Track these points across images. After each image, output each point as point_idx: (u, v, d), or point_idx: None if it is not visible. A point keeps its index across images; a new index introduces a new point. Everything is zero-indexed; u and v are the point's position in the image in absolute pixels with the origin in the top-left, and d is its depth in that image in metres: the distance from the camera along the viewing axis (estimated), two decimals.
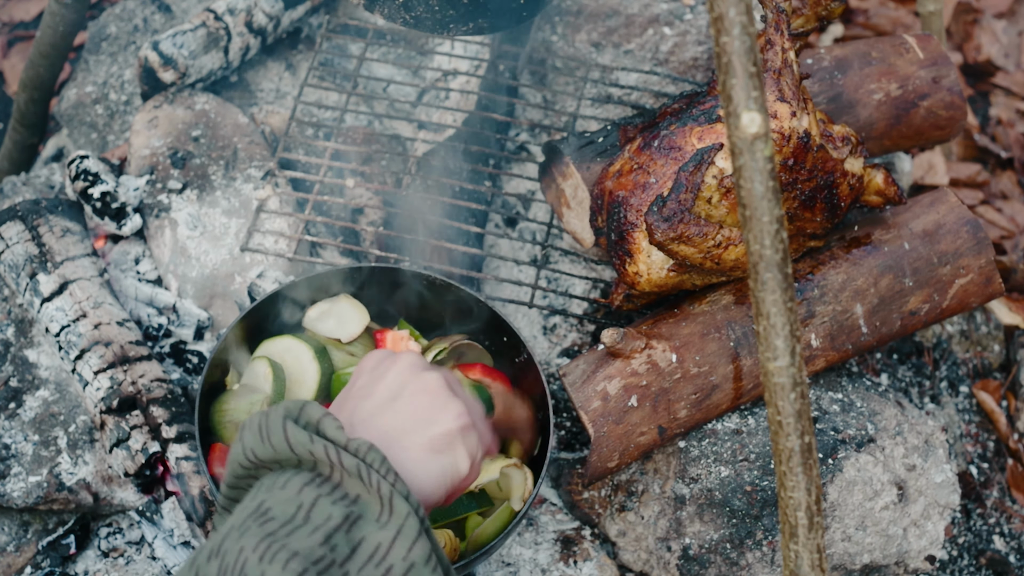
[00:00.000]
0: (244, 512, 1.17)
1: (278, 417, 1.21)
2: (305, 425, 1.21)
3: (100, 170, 2.20)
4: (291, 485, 1.17)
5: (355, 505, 1.16)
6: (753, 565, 1.90)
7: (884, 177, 1.99)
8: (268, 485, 1.19)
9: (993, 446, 2.46)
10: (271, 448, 1.19)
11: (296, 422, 1.21)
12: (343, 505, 1.16)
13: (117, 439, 1.92)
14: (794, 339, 1.26)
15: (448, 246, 2.09)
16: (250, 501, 1.19)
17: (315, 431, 1.20)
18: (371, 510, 1.16)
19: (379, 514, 1.16)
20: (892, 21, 3.43)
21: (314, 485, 1.17)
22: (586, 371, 1.90)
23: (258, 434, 1.21)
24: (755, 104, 1.18)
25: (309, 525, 1.13)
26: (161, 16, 2.58)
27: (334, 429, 1.20)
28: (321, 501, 1.16)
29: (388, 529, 1.15)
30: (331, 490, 1.17)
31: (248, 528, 1.13)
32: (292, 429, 1.19)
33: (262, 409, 1.26)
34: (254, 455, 1.21)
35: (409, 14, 2.04)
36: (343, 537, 1.14)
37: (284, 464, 1.20)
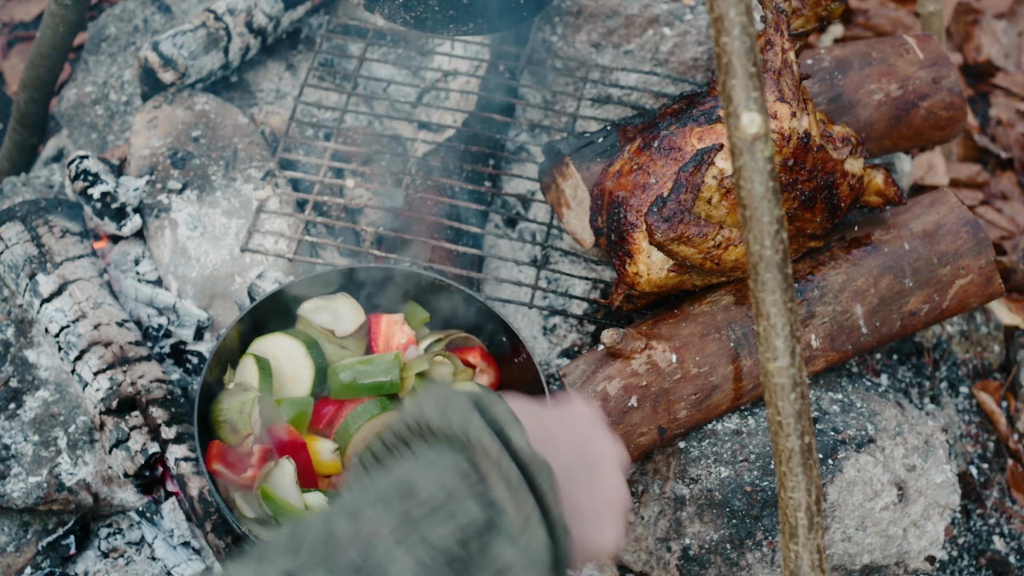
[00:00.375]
0: (392, 480, 1.13)
1: (466, 401, 1.16)
2: (487, 417, 1.16)
3: (100, 170, 2.20)
4: (445, 468, 1.13)
5: (495, 512, 1.12)
6: (753, 565, 1.90)
7: (884, 177, 1.99)
8: (421, 457, 1.15)
9: (993, 446, 2.46)
10: (447, 426, 1.15)
11: (482, 412, 1.16)
12: (483, 507, 1.11)
13: (116, 440, 1.92)
14: (794, 339, 1.26)
15: (448, 246, 2.09)
16: (400, 468, 1.14)
17: (497, 428, 1.15)
18: (508, 522, 1.12)
19: (516, 529, 1.11)
20: (892, 21, 3.43)
21: (467, 476, 1.12)
22: (586, 371, 1.90)
23: (440, 408, 1.16)
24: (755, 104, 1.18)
25: (451, 520, 1.09)
26: (161, 16, 2.58)
27: (520, 437, 1.15)
28: (467, 495, 1.11)
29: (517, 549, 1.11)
30: (479, 487, 1.12)
31: (391, 502, 1.10)
32: (476, 419, 1.14)
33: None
34: (425, 422, 1.16)
35: (409, 14, 2.04)
36: (477, 542, 1.09)
37: (444, 441, 1.16)
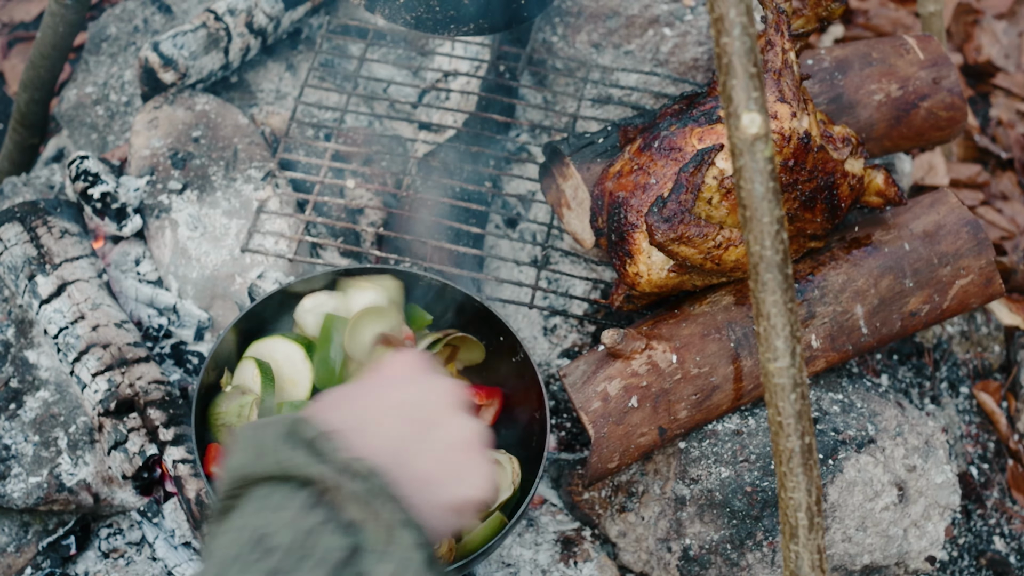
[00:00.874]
0: (242, 538, 1.09)
1: (273, 434, 1.12)
2: (302, 443, 1.12)
3: (100, 171, 2.20)
4: (290, 507, 1.09)
5: (355, 534, 1.09)
6: (753, 566, 1.90)
7: (884, 178, 1.99)
8: (262, 503, 1.11)
9: (993, 447, 2.46)
10: (265, 466, 1.11)
11: (292, 438, 1.12)
12: (343, 534, 1.08)
13: (115, 442, 1.92)
14: (794, 340, 1.26)
15: (448, 247, 2.09)
16: (247, 521, 1.11)
17: (315, 450, 1.11)
18: (372, 539, 1.09)
19: (381, 544, 1.08)
20: (892, 22, 3.43)
21: (314, 509, 1.09)
22: (586, 372, 1.90)
23: (252, 452, 1.13)
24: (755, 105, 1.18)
25: (312, 559, 1.06)
26: (161, 17, 2.58)
27: (338, 450, 1.11)
28: (322, 529, 1.08)
29: (390, 564, 1.07)
30: (331, 515, 1.09)
31: (249, 563, 1.06)
32: (289, 449, 1.11)
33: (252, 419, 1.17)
34: (247, 471, 1.12)
35: (410, 15, 2.04)
36: (345, 573, 1.06)
37: (278, 479, 1.12)
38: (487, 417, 1.89)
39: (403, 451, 1.18)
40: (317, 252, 2.18)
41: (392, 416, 1.21)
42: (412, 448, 1.19)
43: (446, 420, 1.21)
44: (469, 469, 1.20)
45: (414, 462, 1.18)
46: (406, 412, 1.21)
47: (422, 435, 1.20)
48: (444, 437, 1.20)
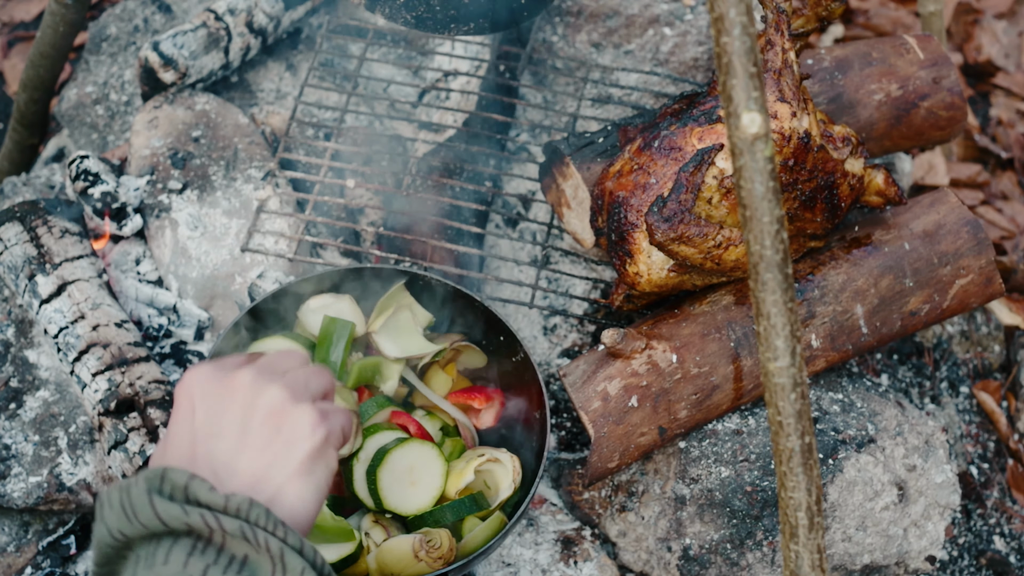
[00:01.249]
0: None
1: (141, 491, 1.11)
2: (171, 493, 1.11)
3: (100, 170, 2.20)
4: (174, 559, 1.09)
5: (245, 569, 1.10)
6: (753, 565, 1.90)
7: (884, 177, 1.99)
8: (147, 560, 1.10)
9: (993, 446, 2.46)
10: (141, 526, 1.11)
11: (161, 492, 1.11)
12: (234, 572, 1.09)
13: (115, 441, 1.92)
14: (794, 339, 1.26)
15: (448, 246, 2.09)
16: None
17: (184, 498, 1.11)
18: (263, 570, 1.10)
19: (272, 572, 1.10)
20: (892, 21, 3.43)
21: (198, 554, 1.09)
22: (586, 371, 1.90)
23: (123, 513, 1.11)
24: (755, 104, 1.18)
25: None
26: (161, 16, 2.58)
27: (207, 492, 1.11)
28: (211, 571, 1.08)
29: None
30: (216, 556, 1.09)
31: None
32: (160, 503, 1.10)
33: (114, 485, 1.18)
34: (122, 534, 1.12)
35: (410, 14, 2.04)
36: None
37: (159, 535, 1.11)
38: (488, 419, 1.89)
39: (237, 457, 1.20)
40: (317, 252, 2.18)
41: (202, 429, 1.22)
42: (243, 450, 1.20)
43: (248, 403, 1.22)
44: (286, 433, 1.21)
45: (247, 461, 1.20)
46: (214, 420, 1.23)
47: (243, 433, 1.21)
48: (255, 419, 1.22)
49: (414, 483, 1.76)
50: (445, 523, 1.74)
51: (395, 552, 1.70)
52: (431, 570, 1.68)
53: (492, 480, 1.81)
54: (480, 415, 1.89)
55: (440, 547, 1.69)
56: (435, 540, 1.70)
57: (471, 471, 1.77)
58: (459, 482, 1.77)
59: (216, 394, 1.24)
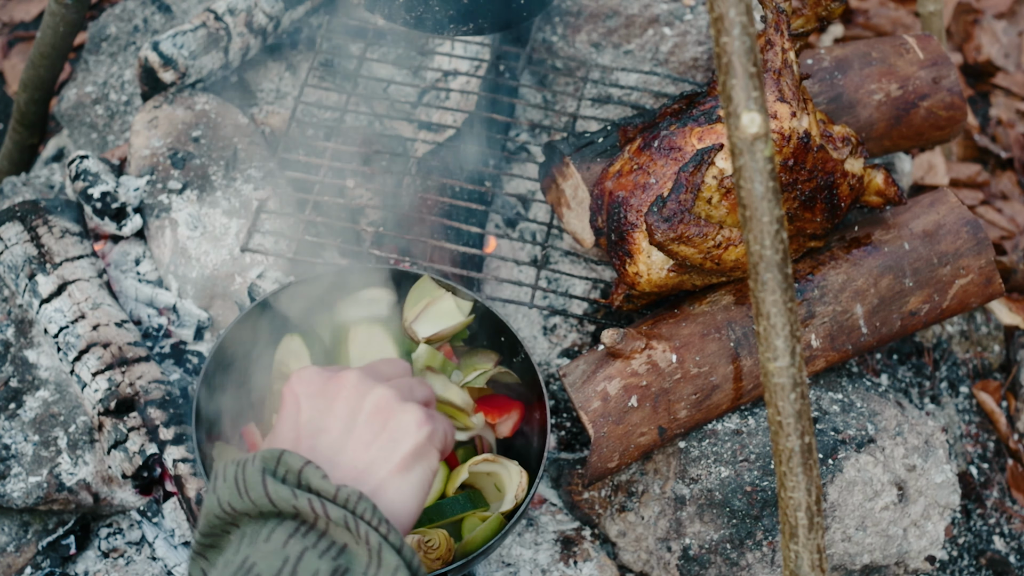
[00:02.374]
0: (229, 569, 1.12)
1: (256, 470, 1.15)
2: (285, 476, 1.15)
3: (100, 170, 2.20)
4: (275, 538, 1.12)
5: (342, 557, 1.12)
6: (753, 565, 1.90)
7: (884, 177, 1.99)
8: (251, 537, 1.14)
9: (993, 446, 2.46)
10: (250, 503, 1.14)
11: (275, 474, 1.15)
12: (330, 558, 1.11)
13: (115, 441, 1.92)
14: (794, 339, 1.26)
15: (448, 246, 2.09)
16: (233, 555, 1.13)
17: (296, 483, 1.15)
18: (359, 561, 1.12)
19: (367, 565, 1.11)
20: (892, 21, 3.43)
21: (299, 536, 1.12)
22: (586, 371, 1.90)
23: (235, 488, 1.15)
24: (755, 104, 1.18)
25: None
26: (161, 16, 2.58)
27: (319, 479, 1.15)
28: (308, 554, 1.11)
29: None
30: (316, 540, 1.12)
31: None
32: (272, 484, 1.14)
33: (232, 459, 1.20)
34: (231, 508, 1.16)
35: (409, 14, 2.04)
36: None
37: (266, 515, 1.15)
38: (505, 430, 1.89)
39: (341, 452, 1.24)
40: (317, 252, 2.18)
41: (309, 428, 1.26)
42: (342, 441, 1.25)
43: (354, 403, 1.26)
44: (391, 429, 1.25)
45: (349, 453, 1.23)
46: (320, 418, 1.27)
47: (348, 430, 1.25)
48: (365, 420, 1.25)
49: None
50: (440, 520, 1.74)
51: None
52: (429, 571, 1.68)
53: (501, 483, 1.81)
54: (498, 426, 1.89)
55: (438, 547, 1.69)
56: (433, 540, 1.69)
57: (466, 470, 1.77)
58: (455, 481, 1.77)
59: (322, 392, 1.28)
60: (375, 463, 1.23)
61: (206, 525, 1.18)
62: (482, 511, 1.77)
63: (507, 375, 1.91)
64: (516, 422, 1.89)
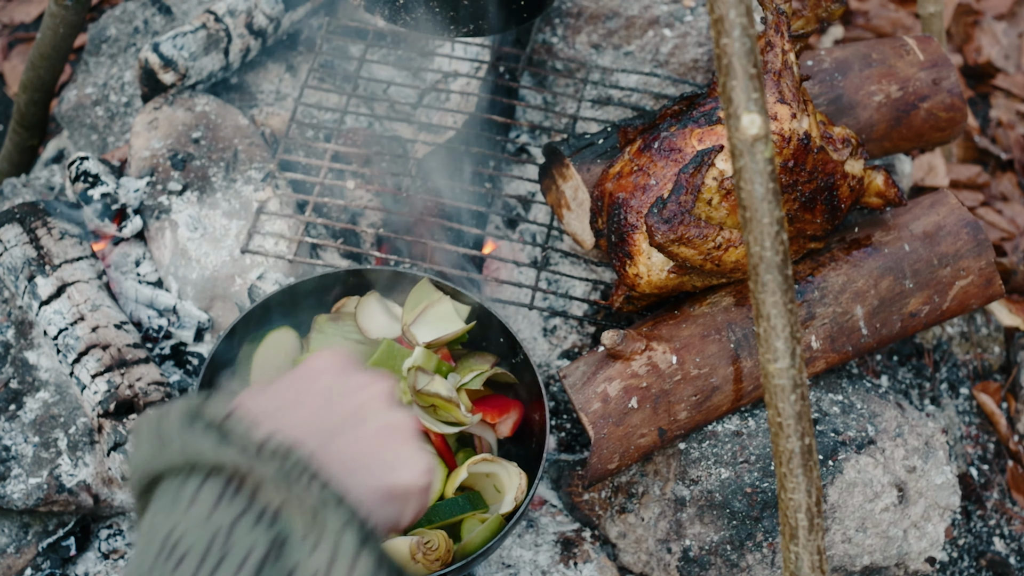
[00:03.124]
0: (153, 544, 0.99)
1: (176, 419, 1.02)
2: (208, 425, 1.02)
3: (100, 172, 2.20)
4: (201, 501, 1.00)
5: (277, 523, 0.99)
6: (753, 567, 1.90)
7: (884, 179, 1.99)
8: (173, 496, 1.01)
9: (993, 448, 2.46)
10: (170, 459, 1.02)
11: (197, 423, 1.02)
12: (265, 526, 0.99)
13: (115, 443, 1.92)
14: (794, 341, 1.26)
15: (448, 248, 2.09)
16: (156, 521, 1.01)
17: (221, 433, 1.01)
18: (296, 527, 0.99)
19: (307, 531, 0.99)
20: (892, 23, 3.43)
21: (227, 500, 0.99)
22: (586, 373, 1.90)
23: (154, 443, 1.03)
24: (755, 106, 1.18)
25: (232, 559, 0.97)
26: (161, 18, 2.58)
27: (245, 429, 1.01)
28: (240, 525, 0.98)
29: (321, 551, 0.98)
30: (247, 505, 0.99)
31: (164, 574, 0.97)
32: (193, 435, 1.01)
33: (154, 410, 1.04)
34: (152, 467, 1.03)
35: (409, 16, 2.04)
36: (272, 570, 0.97)
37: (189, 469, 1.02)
38: (504, 430, 1.89)
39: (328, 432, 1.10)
40: (317, 253, 2.18)
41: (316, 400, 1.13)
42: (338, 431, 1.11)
43: (374, 408, 1.14)
44: (401, 454, 1.12)
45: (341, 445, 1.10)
46: (332, 398, 1.14)
47: (349, 420, 1.12)
48: (373, 423, 1.13)
49: None
50: (438, 521, 1.74)
51: (394, 553, 1.70)
52: (428, 572, 1.68)
53: (500, 484, 1.81)
54: (497, 426, 1.88)
55: (437, 549, 1.69)
56: (432, 542, 1.69)
57: (465, 470, 1.77)
58: (455, 482, 1.77)
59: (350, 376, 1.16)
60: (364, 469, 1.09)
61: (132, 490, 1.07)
62: (481, 512, 1.77)
63: (505, 376, 1.91)
64: (516, 422, 1.89)
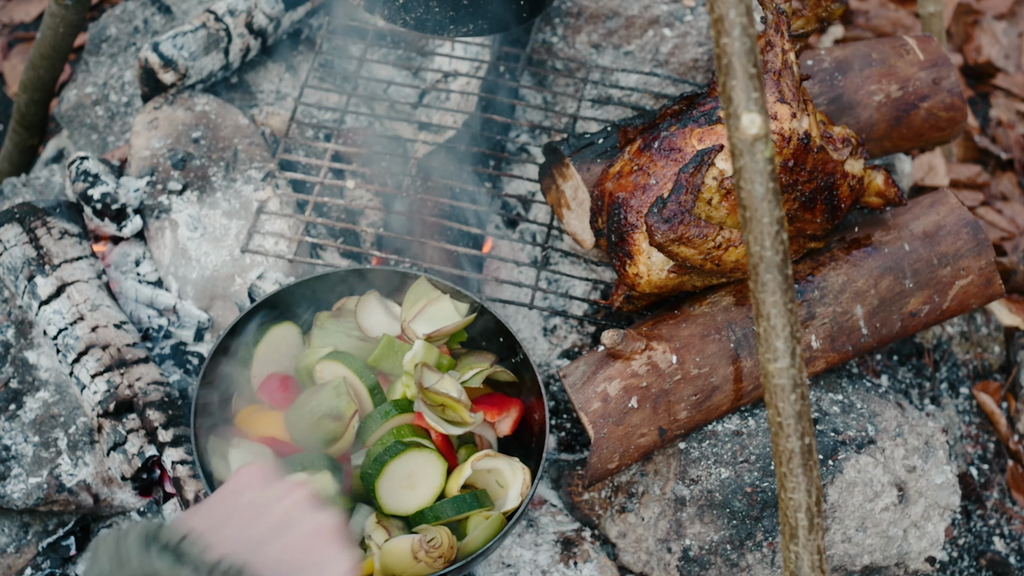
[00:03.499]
0: None
1: (135, 542, 1.13)
2: (164, 547, 1.14)
3: (100, 171, 2.20)
4: None
5: None
6: (753, 566, 1.90)
7: (884, 178, 1.99)
8: None
9: (993, 447, 2.46)
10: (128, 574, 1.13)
11: (155, 544, 1.14)
12: None
13: (114, 442, 1.92)
14: (794, 340, 1.26)
15: (448, 247, 2.09)
16: None
17: (175, 554, 1.14)
18: None
19: None
20: (892, 22, 3.43)
21: None
22: (586, 372, 1.90)
23: (115, 558, 1.14)
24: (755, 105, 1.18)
25: None
26: (161, 17, 2.58)
27: (198, 552, 1.14)
28: None
29: None
30: None
31: None
32: (151, 556, 1.12)
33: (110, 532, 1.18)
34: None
35: (409, 15, 2.04)
36: None
37: None
38: (504, 428, 1.89)
39: (258, 544, 1.22)
40: (317, 253, 2.18)
41: (243, 515, 1.25)
42: (267, 540, 1.22)
43: (298, 515, 1.25)
44: (328, 556, 1.23)
45: (270, 553, 1.21)
46: (257, 511, 1.25)
47: (276, 530, 1.24)
48: (299, 529, 1.24)
49: (413, 487, 1.76)
50: (446, 518, 1.74)
51: (396, 553, 1.70)
52: (432, 570, 1.68)
53: (503, 480, 1.81)
54: (497, 424, 1.89)
55: (440, 546, 1.70)
56: (436, 539, 1.70)
57: (469, 467, 1.78)
58: (459, 479, 1.77)
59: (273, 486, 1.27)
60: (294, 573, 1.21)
61: None
62: (487, 509, 1.77)
63: (504, 374, 1.91)
64: (516, 419, 1.89)
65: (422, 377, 1.80)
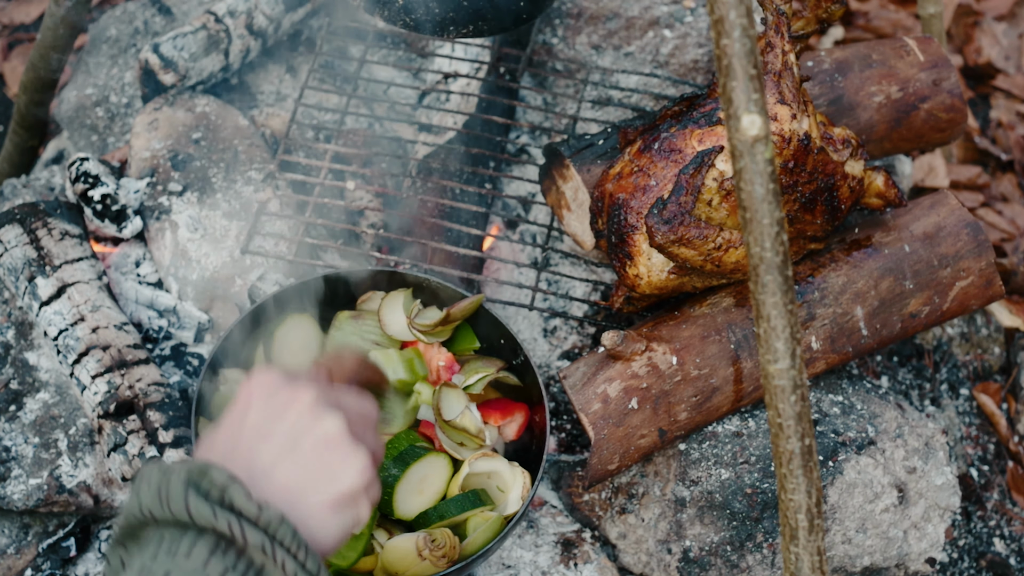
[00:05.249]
0: None
1: (180, 483, 1.15)
2: (209, 492, 1.15)
3: (100, 172, 2.20)
4: (196, 554, 1.14)
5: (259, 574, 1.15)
6: (753, 567, 1.90)
7: (884, 179, 1.99)
8: (170, 545, 1.15)
9: (993, 448, 2.46)
10: (171, 514, 1.15)
11: (199, 488, 1.15)
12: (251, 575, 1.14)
13: (114, 444, 1.92)
14: (794, 341, 1.26)
15: (448, 248, 2.09)
16: (151, 561, 1.15)
17: (219, 500, 1.15)
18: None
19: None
20: (892, 23, 3.43)
21: (220, 554, 1.14)
22: (586, 373, 1.90)
23: (157, 496, 1.16)
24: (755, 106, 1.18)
25: None
26: (161, 18, 2.58)
27: (243, 499, 1.15)
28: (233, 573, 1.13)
29: None
30: (236, 560, 1.14)
31: None
32: (195, 500, 1.14)
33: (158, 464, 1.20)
34: (151, 514, 1.16)
35: (409, 16, 2.04)
36: None
37: (186, 526, 1.16)
38: (510, 433, 1.89)
39: (270, 467, 1.23)
40: (317, 254, 2.18)
41: (250, 438, 1.26)
42: (277, 462, 1.24)
43: (303, 427, 1.25)
44: (336, 464, 1.24)
45: (282, 475, 1.23)
46: (263, 432, 1.26)
47: (284, 449, 1.24)
48: (305, 443, 1.25)
49: (422, 492, 1.77)
50: (448, 517, 1.75)
51: (399, 551, 1.70)
52: (436, 569, 1.68)
53: (504, 483, 1.81)
54: (503, 429, 1.89)
55: (444, 545, 1.70)
56: (438, 539, 1.70)
57: (467, 467, 1.78)
58: (458, 480, 1.78)
59: (275, 399, 1.27)
60: (308, 489, 1.23)
61: (126, 522, 1.19)
62: (489, 509, 1.78)
63: (509, 379, 1.91)
64: (521, 424, 1.89)
65: (440, 403, 1.82)
